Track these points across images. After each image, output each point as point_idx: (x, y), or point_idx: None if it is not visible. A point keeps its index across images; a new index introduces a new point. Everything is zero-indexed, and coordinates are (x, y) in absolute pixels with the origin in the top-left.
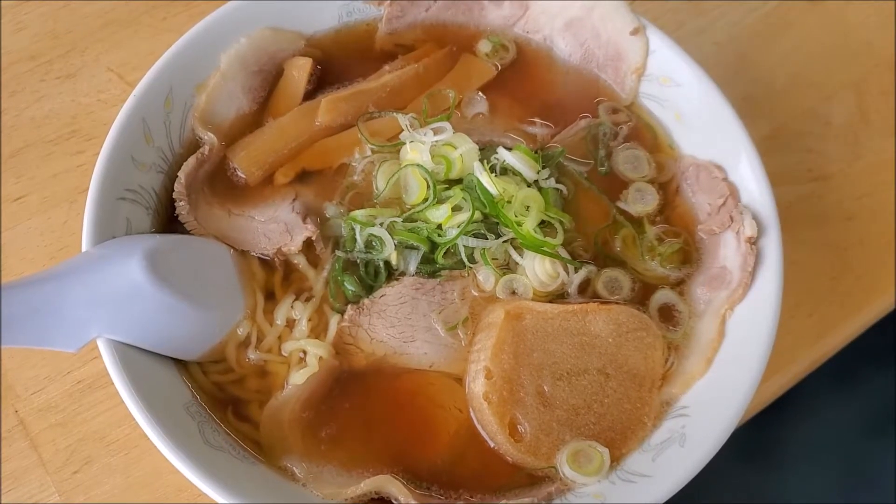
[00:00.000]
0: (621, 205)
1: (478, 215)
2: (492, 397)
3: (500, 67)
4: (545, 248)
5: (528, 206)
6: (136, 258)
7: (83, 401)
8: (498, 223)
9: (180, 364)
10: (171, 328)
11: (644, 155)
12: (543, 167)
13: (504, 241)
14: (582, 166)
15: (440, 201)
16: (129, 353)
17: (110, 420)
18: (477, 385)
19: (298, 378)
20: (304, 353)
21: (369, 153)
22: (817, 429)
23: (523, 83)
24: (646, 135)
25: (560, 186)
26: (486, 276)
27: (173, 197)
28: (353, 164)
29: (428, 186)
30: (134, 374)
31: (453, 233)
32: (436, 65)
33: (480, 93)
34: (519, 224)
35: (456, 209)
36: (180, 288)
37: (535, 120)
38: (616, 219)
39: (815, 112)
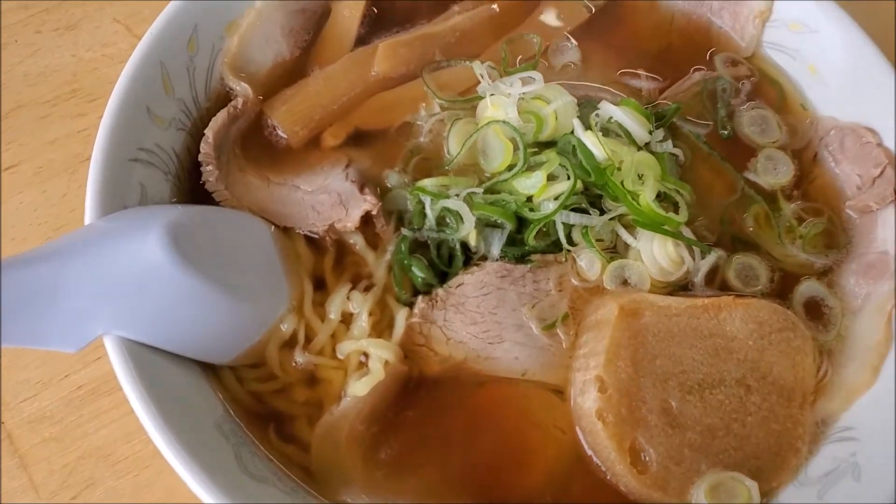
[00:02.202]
0: (749, 176)
1: (579, 185)
2: (607, 416)
3: (593, 9)
4: (667, 227)
5: (640, 175)
6: (155, 233)
7: (84, 410)
8: (601, 196)
9: (209, 369)
10: (198, 323)
11: (774, 116)
12: (656, 127)
13: (612, 219)
14: (699, 128)
15: (531, 168)
16: (143, 355)
17: (117, 434)
18: (587, 399)
19: (359, 388)
20: (366, 356)
21: (438, 110)
22: None
23: (621, 28)
24: (771, 93)
25: (676, 151)
26: (589, 262)
27: (199, 160)
28: (418, 123)
29: (516, 149)
30: (150, 382)
31: (550, 207)
32: (515, 5)
33: (571, 38)
34: (634, 196)
35: (550, 178)
36: (209, 271)
37: (639, 72)
38: (745, 192)
39: None
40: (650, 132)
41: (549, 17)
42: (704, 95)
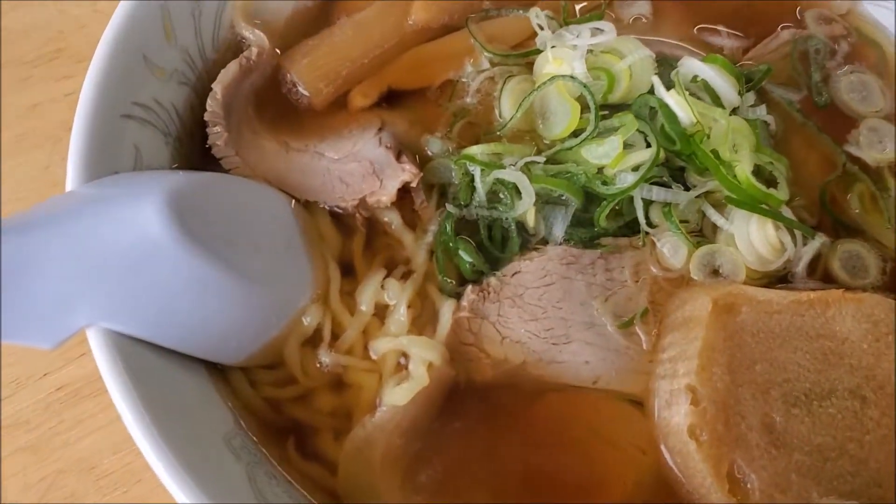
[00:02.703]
0: (850, 149)
1: (661, 155)
2: (701, 433)
3: None
4: (766, 206)
5: (734, 144)
6: (152, 201)
7: (65, 415)
8: (683, 168)
9: (216, 371)
10: (203, 313)
11: (876, 81)
12: (746, 90)
13: (698, 196)
14: (791, 93)
15: (601, 133)
16: (135, 353)
17: (103, 443)
18: (675, 413)
19: (398, 396)
20: (405, 356)
21: (487, 66)
22: None
23: None
24: (870, 55)
25: (768, 118)
26: (672, 248)
27: (204, 119)
28: (464, 80)
29: (583, 111)
30: (143, 385)
31: (628, 179)
32: None
33: None
34: (729, 168)
35: (625, 146)
36: (217, 250)
37: (719, 28)
38: (847, 169)
39: None
40: (741, 94)
41: None
42: (795, 57)
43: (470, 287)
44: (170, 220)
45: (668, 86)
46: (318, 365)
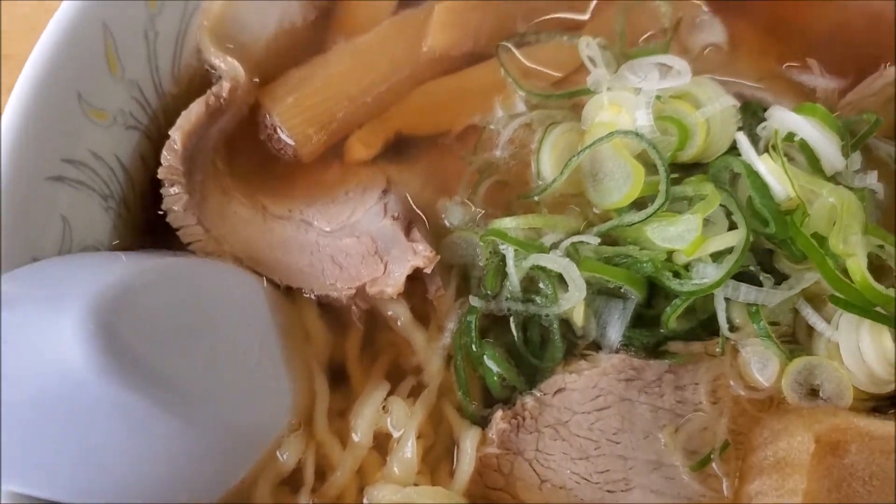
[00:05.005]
0: None
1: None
2: None
3: None
4: (881, 311)
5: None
6: (72, 314)
7: None
8: (770, 252)
9: None
10: (141, 464)
11: None
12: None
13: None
14: None
15: (673, 203)
16: None
17: None
18: None
19: None
20: None
21: (522, 109)
22: None
23: (779, 2)
24: None
25: (877, 187)
26: (761, 359)
27: (158, 177)
28: (492, 127)
29: (650, 172)
30: None
31: (709, 273)
32: None
33: (708, 11)
34: (838, 260)
35: (705, 224)
36: (163, 379)
37: (810, 63)
38: None
39: None
40: (847, 155)
41: None
42: None
43: (500, 413)
44: (94, 345)
45: (775, 145)
46: None
